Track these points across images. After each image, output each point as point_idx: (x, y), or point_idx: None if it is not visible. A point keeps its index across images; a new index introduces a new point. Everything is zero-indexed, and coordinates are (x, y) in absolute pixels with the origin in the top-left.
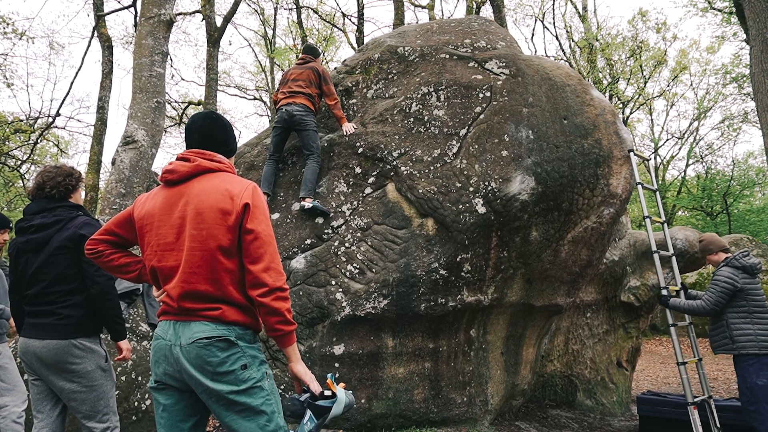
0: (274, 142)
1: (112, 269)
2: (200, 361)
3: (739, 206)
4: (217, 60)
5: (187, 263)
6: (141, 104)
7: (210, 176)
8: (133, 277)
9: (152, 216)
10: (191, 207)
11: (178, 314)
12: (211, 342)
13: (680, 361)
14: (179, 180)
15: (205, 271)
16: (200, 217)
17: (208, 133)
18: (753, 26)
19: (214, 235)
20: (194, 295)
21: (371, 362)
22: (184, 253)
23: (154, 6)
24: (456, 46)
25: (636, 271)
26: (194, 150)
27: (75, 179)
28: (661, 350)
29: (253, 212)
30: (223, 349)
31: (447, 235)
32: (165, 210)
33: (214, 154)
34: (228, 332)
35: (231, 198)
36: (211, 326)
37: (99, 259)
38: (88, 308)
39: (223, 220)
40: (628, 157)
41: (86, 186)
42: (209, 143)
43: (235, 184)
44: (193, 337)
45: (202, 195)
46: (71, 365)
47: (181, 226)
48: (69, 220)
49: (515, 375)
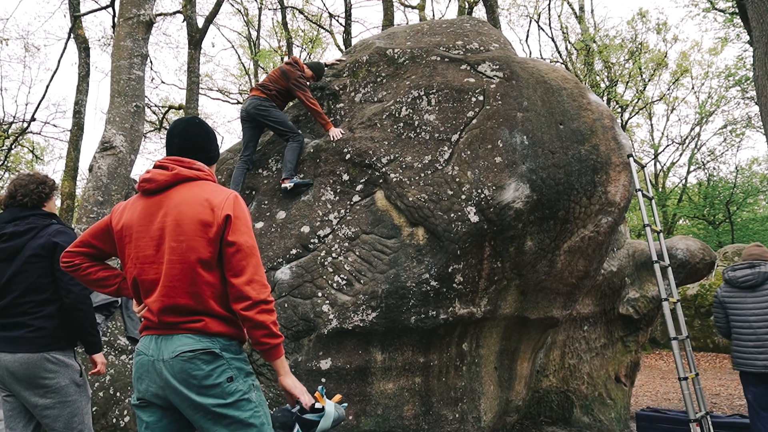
0: (243, 138)
1: (90, 283)
2: (185, 375)
3: (743, 215)
4: (198, 62)
5: (167, 277)
6: (119, 108)
7: (189, 185)
8: (112, 291)
9: (130, 227)
10: (170, 218)
11: (159, 328)
12: (196, 355)
13: (681, 376)
14: (157, 189)
15: (185, 285)
16: (179, 229)
17: (189, 138)
18: (756, 27)
19: (194, 248)
20: (175, 309)
21: (359, 377)
22: (164, 266)
23: (133, 6)
24: (447, 47)
25: (635, 282)
26: (172, 157)
27: (49, 187)
28: (662, 365)
29: (234, 223)
30: (208, 362)
31: (438, 245)
32: (143, 221)
33: (194, 162)
34: (212, 344)
35: (212, 209)
36: (194, 339)
37: (76, 272)
38: (62, 319)
39: (203, 232)
40: (627, 164)
41: (62, 194)
42: (190, 149)
43: (216, 194)
44: (176, 351)
45: (182, 206)
46: (44, 380)
47: (160, 238)
48: (42, 228)
49: (509, 390)
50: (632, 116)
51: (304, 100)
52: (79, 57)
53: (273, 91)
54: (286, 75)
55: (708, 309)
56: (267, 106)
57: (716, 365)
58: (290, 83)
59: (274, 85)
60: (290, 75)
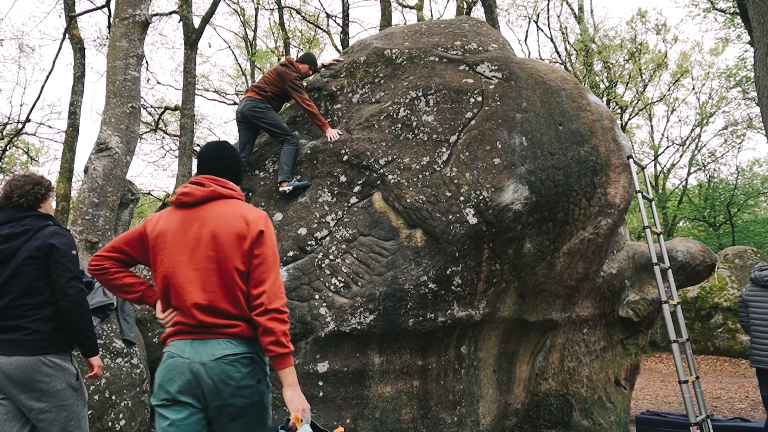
0: (239, 140)
1: (116, 288)
2: (224, 376)
3: (744, 217)
4: (194, 63)
5: (206, 282)
6: (115, 109)
7: (224, 202)
8: (136, 297)
9: (165, 235)
10: (207, 229)
11: (196, 332)
12: (237, 359)
13: (682, 379)
14: (194, 203)
15: (224, 291)
16: (217, 240)
17: (220, 160)
18: (757, 28)
19: (231, 258)
20: (215, 311)
21: (357, 380)
22: (200, 273)
23: (129, 6)
24: (446, 48)
25: (635, 284)
26: (207, 176)
27: (44, 188)
28: (662, 368)
29: (264, 238)
30: (246, 365)
31: (436, 247)
32: (180, 230)
33: (227, 182)
34: (250, 349)
35: (247, 224)
36: (234, 343)
37: (103, 276)
38: (58, 322)
39: (239, 245)
40: (627, 165)
41: (58, 195)
42: (221, 170)
43: (249, 211)
44: (217, 354)
45: (219, 219)
46: (39, 383)
47: (195, 247)
48: (38, 229)
49: (508, 394)
50: (632, 117)
51: (301, 101)
52: (75, 57)
53: (269, 93)
54: (281, 77)
55: (708, 311)
56: (262, 107)
57: (717, 368)
58: (286, 85)
59: (270, 87)
60: (286, 77)
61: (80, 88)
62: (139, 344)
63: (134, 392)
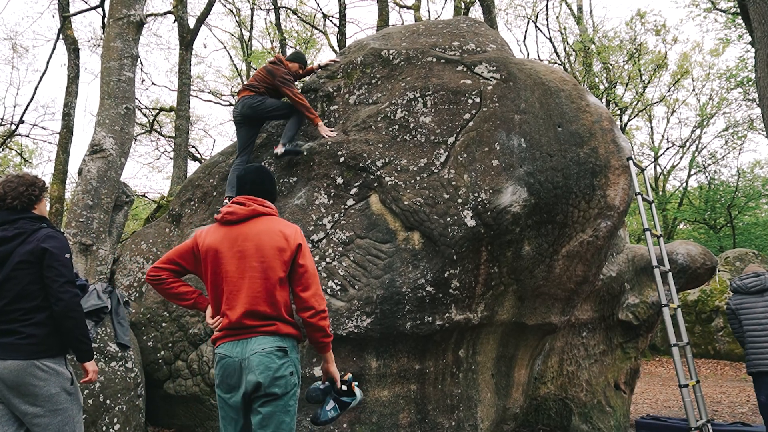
0: (239, 142)
1: (172, 296)
2: (262, 367)
3: (744, 219)
4: (190, 64)
5: (251, 288)
6: (109, 110)
7: (263, 219)
8: (189, 304)
9: (214, 249)
10: (251, 243)
11: (239, 333)
12: (272, 351)
13: (682, 383)
14: (238, 221)
15: (265, 296)
16: (260, 252)
17: (259, 183)
18: (758, 28)
19: (273, 268)
20: (256, 314)
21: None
22: (245, 281)
23: (123, 6)
24: (443, 48)
25: (635, 287)
26: (248, 196)
27: (39, 189)
28: (662, 372)
29: (303, 251)
30: (280, 357)
31: (434, 250)
32: (226, 244)
33: (264, 201)
34: (284, 343)
35: (286, 239)
36: (270, 338)
37: (160, 285)
38: (52, 327)
39: (280, 256)
40: (627, 167)
41: (51, 197)
42: (260, 191)
43: (287, 227)
44: (255, 349)
45: (261, 234)
46: (34, 387)
47: (240, 259)
48: (31, 232)
49: (506, 398)
50: (632, 118)
51: (291, 95)
52: (69, 58)
53: (262, 89)
54: (271, 73)
55: (709, 315)
56: (259, 99)
57: (717, 372)
58: (276, 81)
59: (262, 85)
60: (276, 72)
61: (74, 89)
62: (134, 348)
63: (129, 396)
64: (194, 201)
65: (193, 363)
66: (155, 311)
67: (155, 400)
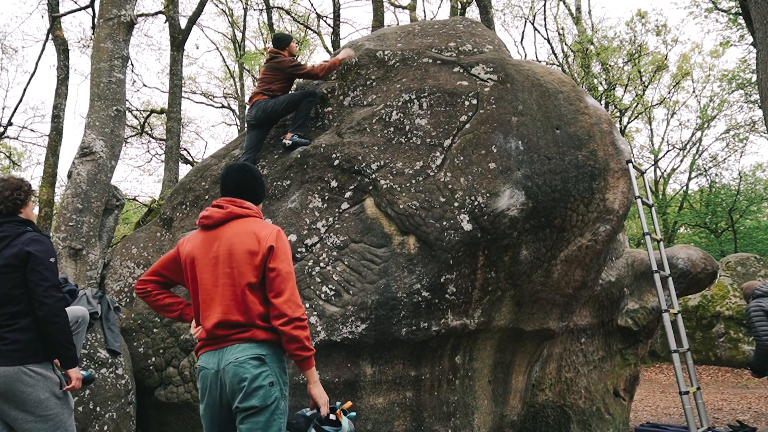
0: (248, 141)
1: (159, 308)
2: (237, 378)
3: (746, 223)
4: (181, 65)
5: (223, 297)
6: (99, 112)
7: (241, 221)
8: (176, 316)
9: (192, 256)
10: (224, 248)
11: (214, 343)
12: (246, 360)
13: (682, 390)
14: (214, 224)
15: (237, 304)
16: (232, 257)
17: (241, 183)
18: (760, 29)
19: (243, 273)
20: (228, 324)
21: (348, 391)
22: (218, 289)
23: (114, 6)
24: (440, 49)
25: (634, 292)
26: (227, 198)
27: (24, 193)
28: (662, 378)
29: (276, 253)
30: (256, 366)
31: (430, 254)
32: (202, 251)
33: (244, 202)
34: (260, 351)
35: (258, 241)
36: (244, 347)
37: (147, 298)
38: (37, 332)
39: (251, 260)
40: (626, 170)
41: (41, 201)
42: (242, 192)
43: (262, 228)
44: (229, 359)
45: (234, 238)
46: (22, 394)
47: (215, 266)
48: (15, 236)
49: (504, 405)
50: (631, 121)
51: (308, 77)
52: (58, 59)
53: (277, 90)
54: (279, 69)
55: (710, 320)
56: (273, 101)
57: (718, 379)
58: (288, 71)
59: (276, 84)
60: (283, 65)
61: (64, 90)
62: (125, 354)
63: (119, 403)
64: (186, 205)
65: (185, 369)
66: (146, 317)
67: (146, 408)
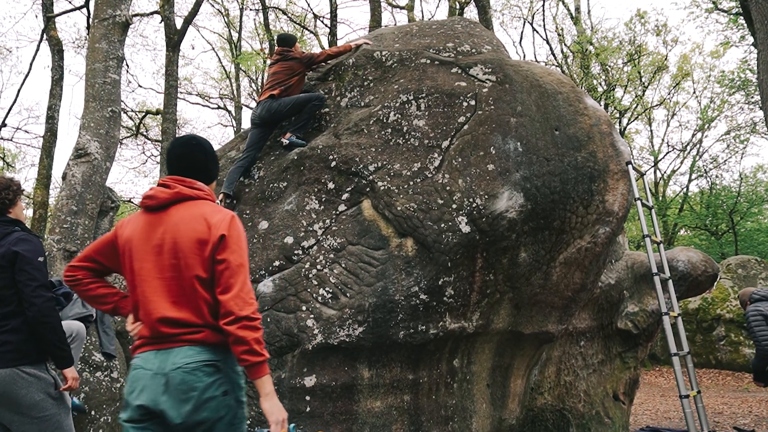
0: (250, 139)
1: (90, 299)
2: (186, 387)
3: (747, 225)
4: (177, 65)
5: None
6: (94, 113)
7: (189, 204)
8: (109, 309)
9: (131, 242)
10: (169, 236)
11: (158, 342)
12: (198, 366)
13: (683, 393)
14: (158, 206)
15: (187, 300)
16: (178, 247)
17: (188, 159)
18: (761, 29)
19: (191, 266)
20: (175, 322)
21: (345, 395)
22: (163, 281)
23: (109, 7)
24: (438, 50)
25: (634, 295)
26: (174, 177)
27: (13, 192)
28: (662, 382)
29: (227, 243)
30: (209, 374)
31: (428, 257)
32: (144, 236)
33: (194, 182)
34: (214, 356)
35: (209, 228)
36: (195, 350)
37: (77, 287)
38: (29, 333)
39: (200, 251)
40: (626, 172)
41: (35, 203)
42: (189, 170)
43: (213, 213)
44: (178, 363)
45: (181, 224)
46: (16, 396)
47: (159, 255)
48: (3, 236)
49: (502, 409)
50: (631, 122)
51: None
52: (53, 60)
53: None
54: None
55: (710, 323)
56: (277, 102)
57: (719, 382)
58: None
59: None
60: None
61: (58, 91)
62: (120, 357)
63: (114, 407)
64: None
65: None
66: None
67: None
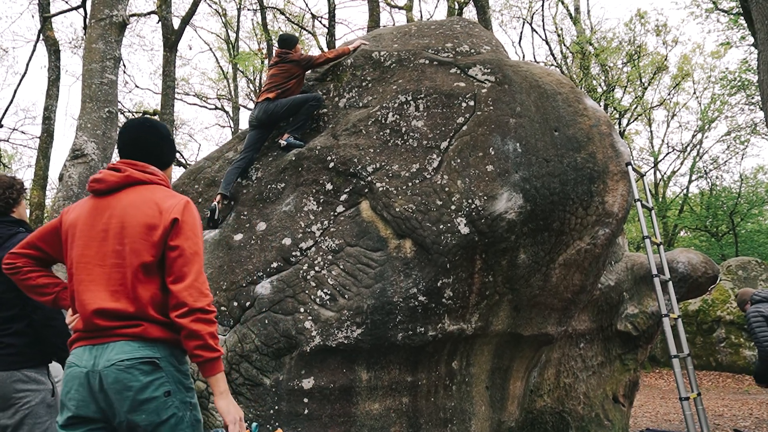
0: (248, 140)
1: (28, 289)
2: (120, 386)
3: (747, 226)
4: (174, 66)
5: (107, 280)
6: (91, 114)
7: (140, 188)
8: (49, 300)
9: (75, 227)
10: (116, 220)
11: (93, 336)
12: (134, 364)
13: (683, 395)
14: (107, 190)
15: (125, 289)
16: (124, 231)
17: (140, 143)
18: (761, 29)
19: (137, 251)
20: (111, 313)
21: (343, 397)
22: (104, 269)
23: (106, 7)
24: (436, 50)
25: (634, 297)
26: (126, 160)
27: (16, 191)
28: (662, 384)
29: (180, 228)
30: (147, 373)
31: (426, 258)
32: (88, 221)
33: (147, 166)
34: (153, 353)
35: (160, 212)
36: (133, 346)
37: (16, 275)
38: (32, 336)
39: (148, 236)
40: (626, 173)
41: (31, 204)
42: (142, 153)
43: (166, 198)
44: (112, 360)
45: (129, 208)
46: (14, 399)
47: (103, 240)
48: (7, 238)
49: (501, 411)
50: (631, 122)
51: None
52: (49, 60)
53: (291, 85)
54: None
55: (710, 325)
56: (274, 104)
57: (719, 385)
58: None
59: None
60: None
61: (55, 92)
62: None
63: None
64: None
65: None
66: None
67: None
